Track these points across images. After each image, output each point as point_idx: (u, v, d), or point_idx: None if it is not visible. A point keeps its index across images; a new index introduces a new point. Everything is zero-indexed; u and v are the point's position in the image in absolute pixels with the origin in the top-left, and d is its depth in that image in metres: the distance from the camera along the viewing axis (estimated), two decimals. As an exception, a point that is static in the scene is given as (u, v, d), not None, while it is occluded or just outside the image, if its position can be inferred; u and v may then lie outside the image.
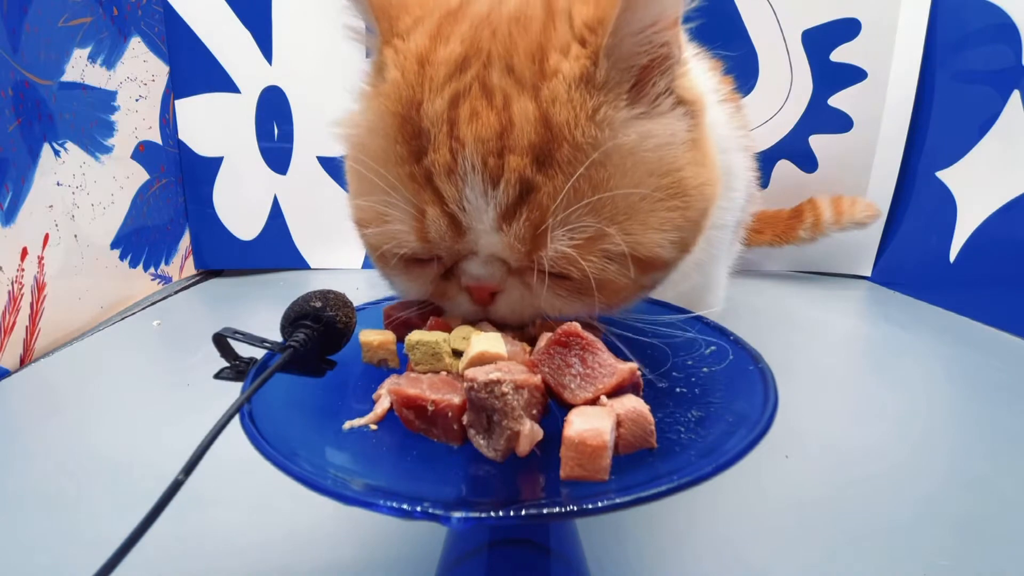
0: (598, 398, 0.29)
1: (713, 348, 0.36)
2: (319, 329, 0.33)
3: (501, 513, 0.22)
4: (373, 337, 0.36)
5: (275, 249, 1.08)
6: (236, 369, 0.33)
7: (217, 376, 0.33)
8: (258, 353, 0.33)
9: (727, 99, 0.55)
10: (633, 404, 0.28)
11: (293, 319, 0.33)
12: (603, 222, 0.34)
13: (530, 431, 0.27)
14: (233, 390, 0.28)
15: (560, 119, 0.33)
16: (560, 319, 0.36)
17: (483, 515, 0.23)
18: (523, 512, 0.22)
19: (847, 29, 0.94)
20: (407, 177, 0.34)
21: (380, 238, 0.37)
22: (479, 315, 0.38)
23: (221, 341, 0.32)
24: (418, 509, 0.22)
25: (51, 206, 0.76)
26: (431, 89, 0.34)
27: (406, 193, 0.34)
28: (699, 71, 0.48)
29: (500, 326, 0.37)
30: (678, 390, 0.34)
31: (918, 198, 0.96)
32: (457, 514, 0.22)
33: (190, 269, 1.08)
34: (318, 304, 0.33)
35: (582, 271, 0.34)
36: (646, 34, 0.33)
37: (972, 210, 0.85)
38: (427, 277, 0.38)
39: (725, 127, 0.51)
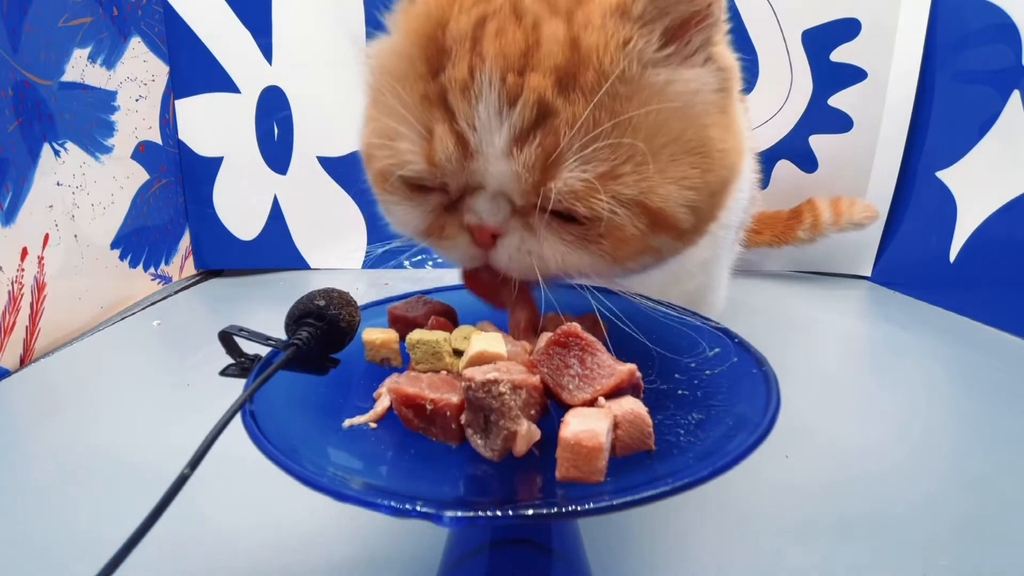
0: (596, 399, 0.29)
1: (717, 350, 0.36)
2: (323, 327, 0.33)
3: (492, 513, 0.23)
4: (376, 336, 0.37)
5: (275, 249, 1.08)
6: (241, 366, 0.33)
7: (222, 373, 0.33)
8: (263, 350, 0.33)
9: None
10: (631, 406, 0.28)
11: (297, 317, 0.33)
12: (619, 159, 0.32)
13: (527, 431, 0.27)
14: (232, 391, 0.28)
15: (590, 42, 0.32)
16: (559, 283, 0.35)
17: (475, 514, 0.23)
18: (514, 512, 0.23)
19: (847, 29, 0.94)
20: (420, 95, 0.33)
21: (387, 161, 0.35)
22: (477, 260, 0.36)
23: (227, 338, 0.32)
24: (411, 508, 0.23)
25: (51, 206, 0.76)
26: (459, 9, 0.33)
27: (417, 110, 0.33)
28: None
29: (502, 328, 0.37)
30: (679, 392, 0.34)
31: (918, 198, 0.96)
32: (450, 513, 0.22)
33: (190, 269, 1.08)
34: (322, 303, 0.33)
35: (590, 209, 0.32)
36: None
37: (972, 210, 0.85)
38: (428, 206, 0.36)
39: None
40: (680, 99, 0.34)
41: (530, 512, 0.23)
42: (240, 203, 1.06)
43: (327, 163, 1.06)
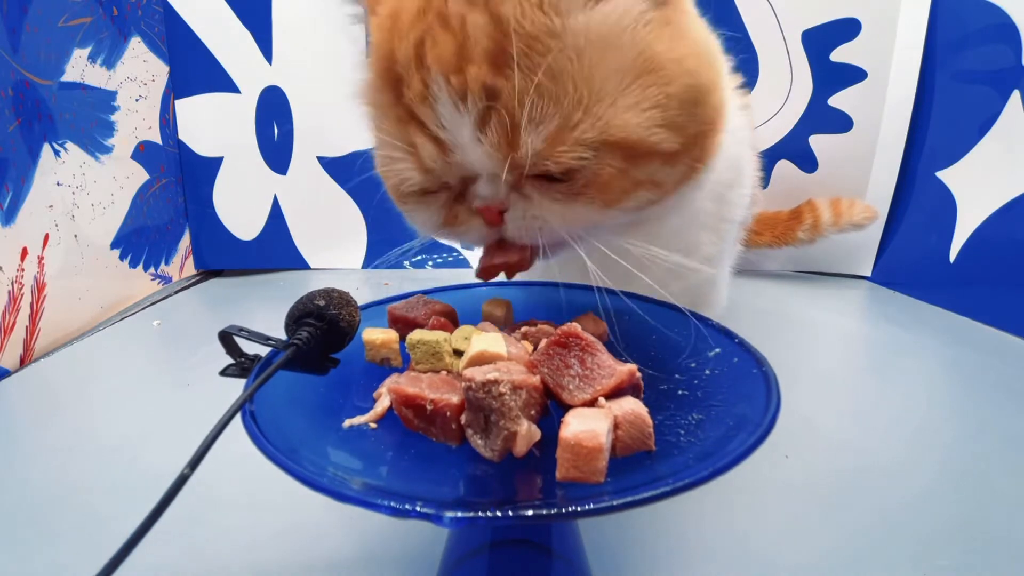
0: (596, 399, 0.29)
1: (717, 351, 0.36)
2: (323, 327, 0.33)
3: (492, 513, 0.23)
4: (376, 336, 0.37)
5: (275, 249, 1.08)
6: (241, 366, 0.33)
7: (223, 373, 0.33)
8: (263, 350, 0.33)
9: (738, 93, 0.55)
10: (631, 406, 0.28)
11: (297, 317, 0.33)
12: (568, 109, 0.34)
13: (527, 432, 0.27)
14: (232, 391, 0.28)
15: (507, 14, 0.33)
16: (568, 237, 0.37)
17: (474, 515, 0.23)
18: (514, 512, 0.22)
19: (847, 29, 0.94)
20: (396, 119, 0.37)
21: (393, 180, 0.40)
22: (493, 237, 0.40)
23: (227, 338, 0.32)
24: (411, 508, 0.23)
25: (51, 206, 0.76)
26: (399, 37, 0.37)
27: (397, 131, 0.37)
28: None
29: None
30: (680, 392, 0.34)
31: (918, 198, 0.96)
32: (449, 513, 0.22)
33: (190, 269, 1.08)
34: (322, 303, 0.33)
35: (560, 163, 0.35)
36: None
37: (972, 210, 0.85)
38: (438, 204, 0.40)
39: (739, 120, 0.51)
40: (608, 32, 0.35)
41: (530, 512, 0.23)
42: (240, 203, 1.07)
43: (327, 163, 1.06)
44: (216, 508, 0.43)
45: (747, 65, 0.97)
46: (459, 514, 0.22)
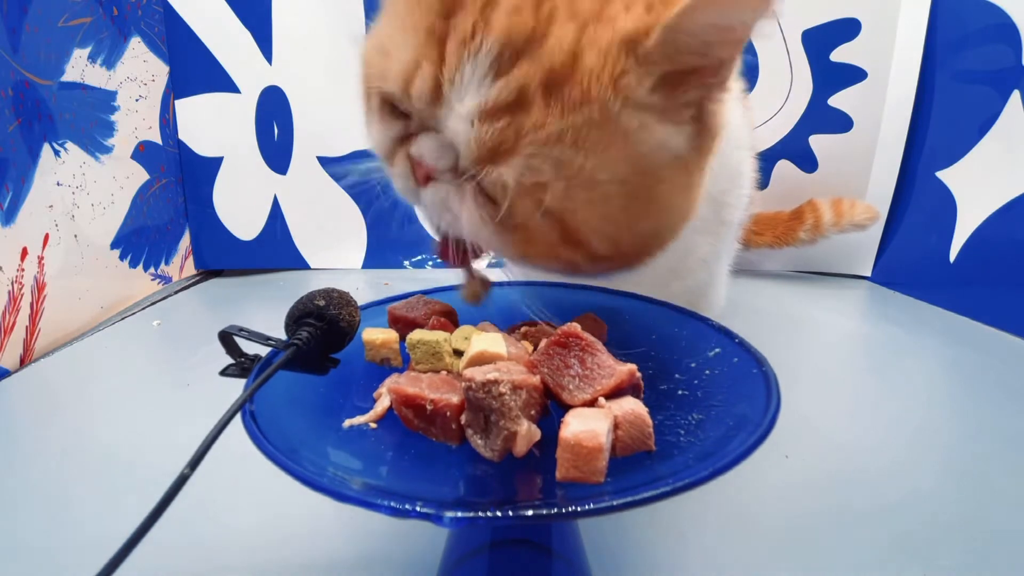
0: (596, 399, 0.29)
1: (717, 351, 0.36)
2: (323, 327, 0.33)
3: (492, 513, 0.23)
4: (376, 336, 0.37)
5: (275, 249, 1.08)
6: (241, 366, 0.33)
7: (223, 373, 0.33)
8: (263, 350, 0.33)
9: (741, 98, 0.55)
10: (631, 406, 0.28)
11: (297, 317, 0.33)
12: (558, 174, 0.33)
13: (527, 432, 0.27)
14: (232, 391, 0.28)
15: (588, 62, 0.32)
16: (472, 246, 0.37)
17: (474, 515, 0.23)
18: (514, 512, 0.22)
19: (847, 29, 0.94)
20: (426, 28, 0.33)
21: (374, 67, 0.36)
22: (411, 195, 0.38)
23: (227, 338, 0.32)
24: (411, 508, 0.23)
25: (51, 206, 0.76)
26: None
27: (416, 39, 0.33)
28: (732, 107, 0.46)
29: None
30: (680, 392, 0.34)
31: (918, 198, 0.96)
32: (449, 513, 0.22)
33: (190, 269, 1.08)
34: (322, 302, 0.33)
35: (512, 205, 0.33)
36: (709, 36, 0.31)
37: (972, 210, 0.85)
38: (392, 132, 0.37)
39: (740, 124, 0.51)
40: (641, 147, 0.34)
41: (530, 513, 0.23)
42: (240, 203, 1.06)
43: (327, 163, 1.06)
44: (216, 508, 0.43)
45: (747, 65, 0.97)
46: (459, 514, 0.23)
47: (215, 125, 1.03)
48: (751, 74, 0.97)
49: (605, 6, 0.32)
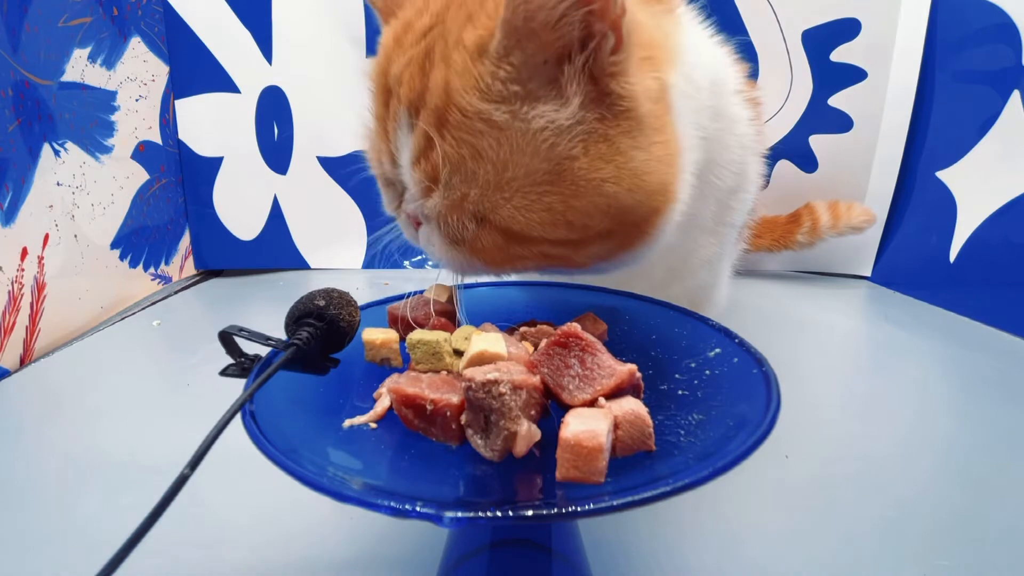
0: (596, 400, 0.29)
1: (717, 351, 0.36)
2: (322, 327, 0.33)
3: (492, 513, 0.23)
4: (376, 336, 0.37)
5: (275, 249, 1.08)
6: (241, 366, 0.33)
7: (222, 373, 0.33)
8: (263, 350, 0.33)
9: (753, 100, 0.54)
10: (631, 406, 0.28)
11: (297, 317, 0.33)
12: (472, 186, 0.37)
13: (527, 432, 0.27)
14: (232, 391, 0.28)
15: (455, 85, 0.36)
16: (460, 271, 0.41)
17: (474, 515, 0.23)
18: (514, 512, 0.22)
19: (847, 29, 0.94)
20: (379, 118, 0.41)
21: (368, 156, 0.45)
22: (412, 239, 0.44)
23: (227, 338, 0.32)
24: (411, 508, 0.23)
25: (51, 206, 0.76)
26: (399, 54, 0.40)
27: (376, 128, 0.42)
28: (709, 62, 0.48)
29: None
30: (680, 392, 0.34)
31: (918, 198, 0.96)
32: (449, 513, 0.22)
33: (190, 269, 1.08)
34: (322, 303, 0.33)
35: (450, 228, 0.38)
36: (557, 12, 0.33)
37: (972, 210, 0.85)
38: (393, 195, 0.44)
39: (747, 128, 0.51)
40: (531, 136, 0.36)
41: (530, 513, 0.23)
42: (240, 203, 1.06)
43: (327, 163, 1.06)
44: (216, 508, 0.43)
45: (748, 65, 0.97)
46: (459, 514, 0.22)
47: (215, 125, 1.03)
48: (751, 74, 0.97)
49: (462, 34, 0.36)
